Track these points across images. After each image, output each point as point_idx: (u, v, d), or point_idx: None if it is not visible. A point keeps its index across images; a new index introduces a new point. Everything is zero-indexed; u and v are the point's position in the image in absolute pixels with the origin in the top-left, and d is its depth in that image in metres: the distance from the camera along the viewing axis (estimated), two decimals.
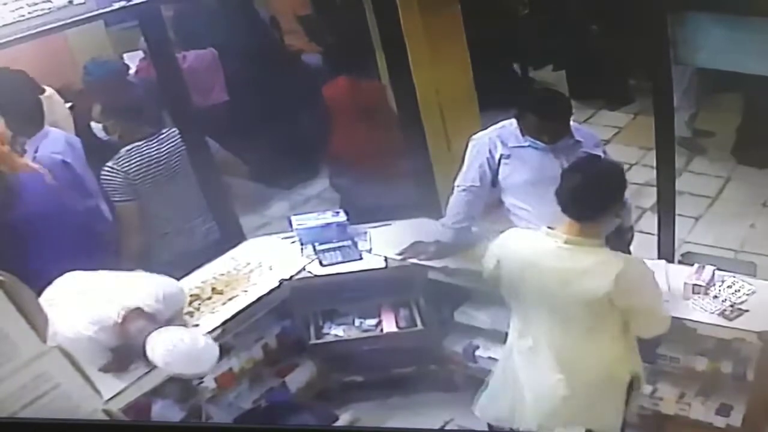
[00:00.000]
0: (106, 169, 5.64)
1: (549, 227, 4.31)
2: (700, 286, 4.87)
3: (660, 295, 4.36)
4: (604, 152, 5.41)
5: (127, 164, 5.66)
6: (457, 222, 5.25)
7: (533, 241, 4.31)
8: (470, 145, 5.30)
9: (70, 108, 6.64)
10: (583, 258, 4.13)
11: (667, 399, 5.12)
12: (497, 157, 5.16)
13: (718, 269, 5.02)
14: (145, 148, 5.73)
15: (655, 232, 5.71)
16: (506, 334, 4.67)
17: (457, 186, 5.28)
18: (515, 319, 4.53)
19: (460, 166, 5.31)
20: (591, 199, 4.16)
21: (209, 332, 5.14)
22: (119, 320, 4.62)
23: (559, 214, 4.23)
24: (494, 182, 5.23)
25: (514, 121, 5.18)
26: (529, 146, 5.06)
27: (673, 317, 4.76)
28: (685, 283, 4.90)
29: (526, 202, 5.07)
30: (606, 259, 4.14)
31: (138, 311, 4.66)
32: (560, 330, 4.30)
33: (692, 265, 5.10)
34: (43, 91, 6.38)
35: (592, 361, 4.30)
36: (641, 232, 6.27)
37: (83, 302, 4.62)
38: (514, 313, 4.54)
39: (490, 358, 5.45)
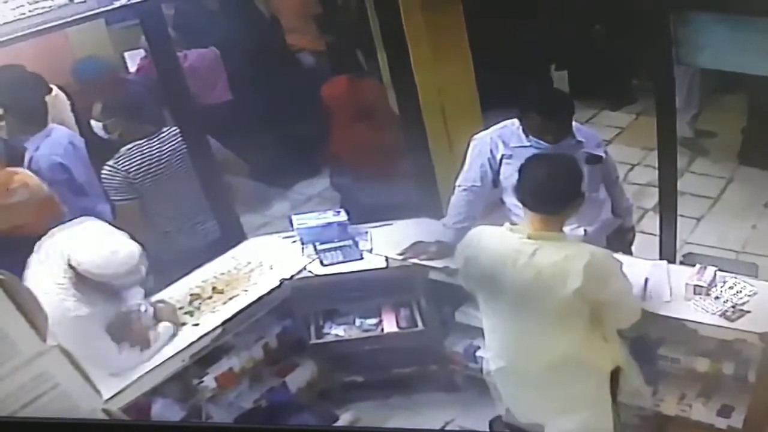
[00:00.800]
0: (106, 168, 5.65)
1: (512, 223, 4.35)
2: (702, 287, 4.84)
3: (629, 286, 4.34)
4: (606, 152, 5.41)
5: (127, 163, 5.66)
6: (458, 222, 5.23)
7: (499, 237, 4.30)
8: (471, 145, 5.30)
9: (71, 107, 6.63)
10: (550, 252, 4.13)
11: (668, 400, 5.10)
12: (498, 157, 5.16)
13: (720, 270, 4.99)
14: (145, 147, 5.74)
15: (657, 232, 5.70)
16: None
17: (458, 186, 5.28)
18: (488, 318, 4.52)
19: (462, 166, 5.30)
20: (548, 192, 4.18)
21: (209, 332, 5.16)
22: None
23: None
24: (495, 182, 5.23)
25: (515, 120, 5.17)
26: (531, 146, 5.06)
27: (675, 318, 4.78)
28: (687, 284, 4.87)
29: None
30: (572, 252, 4.13)
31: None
32: (532, 326, 4.29)
33: (694, 265, 5.07)
34: (50, 90, 6.39)
35: (568, 354, 4.28)
36: (643, 232, 6.27)
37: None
38: (485, 312, 4.52)
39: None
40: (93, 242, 4.57)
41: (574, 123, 5.18)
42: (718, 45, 5.13)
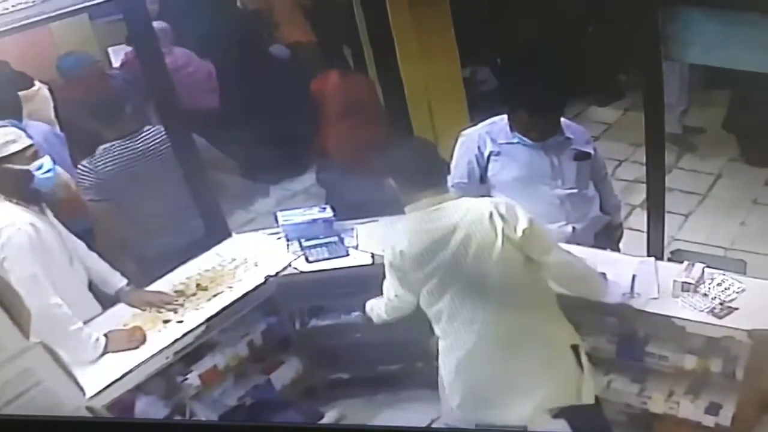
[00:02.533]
0: (80, 168, 5.64)
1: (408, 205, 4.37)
2: (690, 283, 4.84)
3: (551, 236, 4.40)
4: (595, 149, 5.39)
5: (101, 164, 5.64)
6: None
7: (406, 225, 4.35)
8: (459, 141, 5.29)
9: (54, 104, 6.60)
10: (452, 212, 4.19)
11: (655, 397, 5.09)
12: (486, 153, 5.15)
13: (708, 267, 4.99)
14: (123, 147, 5.71)
15: (645, 229, 5.68)
16: None
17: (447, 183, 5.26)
18: (431, 308, 4.48)
19: (449, 161, 5.28)
20: (416, 172, 4.28)
21: (194, 329, 5.13)
22: None
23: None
24: (483, 179, 5.22)
25: (504, 117, 5.16)
26: (518, 143, 5.04)
27: (662, 315, 4.78)
28: (675, 281, 4.86)
29: (515, 199, 5.04)
30: (474, 203, 4.22)
31: None
32: (480, 302, 4.29)
33: (682, 262, 5.06)
34: (31, 84, 6.35)
35: (522, 324, 4.32)
36: (631, 229, 6.26)
37: None
38: (427, 304, 4.48)
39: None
40: None
41: (562, 119, 5.17)
42: (707, 40, 5.11)
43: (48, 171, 4.78)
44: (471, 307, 4.30)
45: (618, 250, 5.58)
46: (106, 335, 4.93)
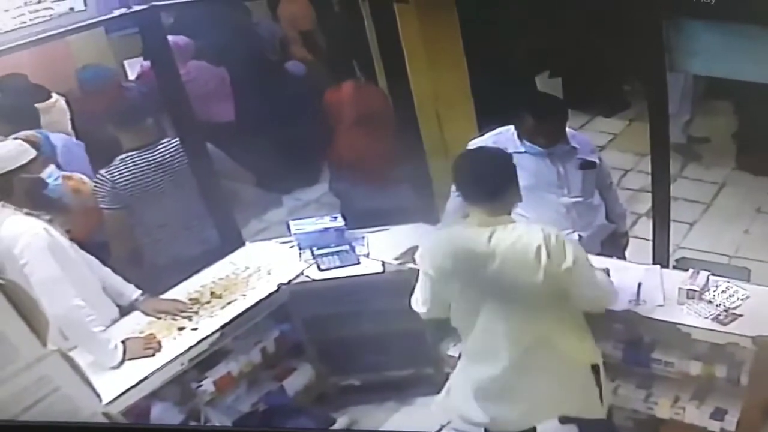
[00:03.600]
0: (97, 176, 5.68)
1: (463, 216, 4.41)
2: (695, 291, 4.89)
3: (589, 262, 4.37)
4: (600, 158, 5.45)
5: (117, 173, 5.69)
6: None
7: (453, 234, 4.38)
8: None
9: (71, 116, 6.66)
10: (504, 235, 4.18)
11: (661, 403, 5.13)
12: None
13: (713, 274, 5.03)
14: (140, 158, 5.76)
15: (650, 237, 5.71)
16: None
17: (454, 191, 5.29)
18: (464, 320, 4.53)
19: None
20: (484, 187, 4.25)
21: (208, 336, 5.20)
22: None
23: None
24: None
25: (510, 127, 5.21)
26: (526, 152, 5.09)
27: (668, 322, 4.82)
28: (680, 288, 4.92)
29: (523, 208, 5.09)
30: (525, 230, 4.20)
31: None
32: (507, 313, 4.32)
33: (687, 270, 5.10)
34: (48, 96, 6.41)
35: (544, 344, 4.34)
36: (636, 237, 6.28)
37: None
38: (461, 315, 4.53)
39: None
40: None
41: (568, 129, 5.22)
42: (711, 51, 5.15)
43: (57, 178, 4.87)
44: (497, 324, 4.35)
45: (624, 257, 5.62)
46: (123, 342, 5.00)
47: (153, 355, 5.05)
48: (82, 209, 5.52)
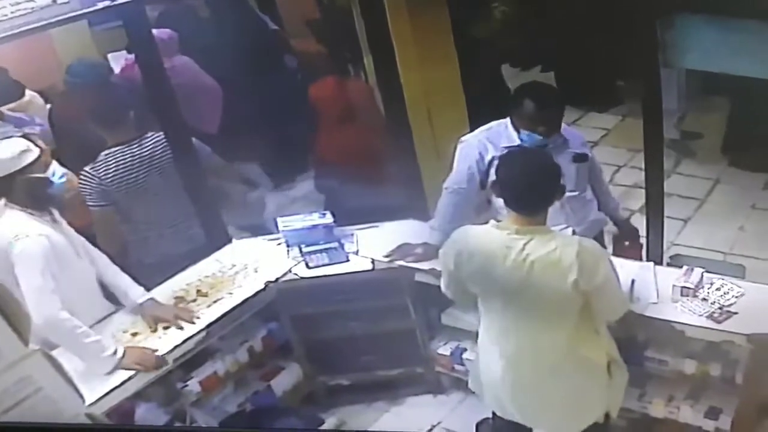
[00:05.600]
0: (82, 174, 5.60)
1: (497, 220, 4.34)
2: (689, 288, 4.85)
3: (616, 274, 4.31)
4: (591, 153, 5.40)
5: (103, 170, 5.62)
6: (444, 224, 5.18)
7: (486, 236, 4.29)
8: (459, 147, 5.28)
9: (49, 110, 6.59)
10: (539, 246, 4.12)
11: (655, 402, 5.11)
12: (488, 159, 5.13)
13: (707, 271, 5.00)
14: (125, 153, 5.69)
15: (644, 234, 5.68)
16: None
17: (446, 188, 5.26)
18: (483, 317, 4.49)
19: (450, 168, 5.28)
20: (530, 191, 4.17)
21: (194, 335, 5.13)
22: None
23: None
24: (483, 184, 5.20)
25: (503, 121, 5.16)
26: (522, 145, 5.03)
27: (662, 320, 4.79)
28: (674, 286, 4.88)
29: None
30: (561, 243, 4.13)
31: None
32: (527, 321, 4.28)
33: (681, 267, 5.08)
34: (22, 94, 6.35)
35: (565, 350, 4.28)
36: None
37: None
38: (481, 311, 4.49)
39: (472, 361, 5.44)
40: None
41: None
42: (704, 47, 5.14)
43: (62, 176, 4.83)
44: (517, 325, 4.32)
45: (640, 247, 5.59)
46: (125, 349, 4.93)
47: (148, 370, 4.97)
48: (80, 205, 5.47)
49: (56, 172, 4.81)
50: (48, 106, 6.68)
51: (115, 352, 4.83)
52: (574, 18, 9.03)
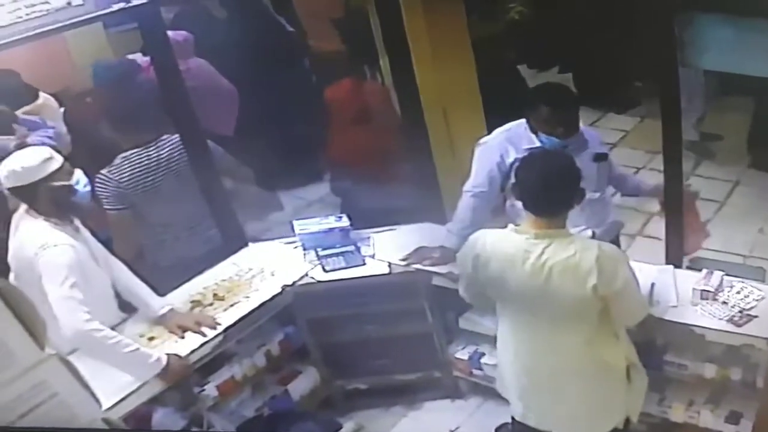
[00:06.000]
0: (99, 177, 5.59)
1: (515, 224, 4.29)
2: (709, 291, 4.81)
3: (636, 279, 4.27)
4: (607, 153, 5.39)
5: (120, 173, 5.61)
6: (462, 228, 5.15)
7: (504, 239, 4.25)
8: (478, 150, 5.25)
9: (63, 113, 6.58)
10: (559, 250, 4.08)
11: (675, 407, 5.08)
12: (509, 161, 5.08)
13: (727, 275, 4.96)
14: (142, 156, 5.69)
15: (663, 237, 5.64)
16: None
17: (466, 191, 5.23)
18: (501, 321, 4.47)
19: (467, 169, 5.25)
20: (549, 194, 4.12)
21: (211, 339, 5.12)
22: None
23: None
24: (503, 186, 5.17)
25: (522, 122, 5.12)
26: (543, 146, 4.98)
27: (681, 323, 4.76)
28: (694, 289, 4.84)
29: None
30: (581, 247, 4.09)
31: None
32: (546, 325, 4.25)
33: (700, 270, 5.04)
34: (36, 97, 6.34)
35: (584, 354, 4.25)
36: (649, 236, 6.23)
37: None
38: (499, 315, 4.47)
39: (495, 365, 5.40)
40: None
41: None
42: (723, 47, 5.09)
43: (86, 185, 4.81)
44: (535, 329, 4.30)
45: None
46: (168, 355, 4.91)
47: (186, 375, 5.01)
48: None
49: (80, 180, 4.78)
50: (62, 109, 6.66)
51: (158, 360, 4.81)
52: (592, 19, 9.02)
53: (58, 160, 4.65)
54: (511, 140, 5.13)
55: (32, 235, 4.65)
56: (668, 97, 5.23)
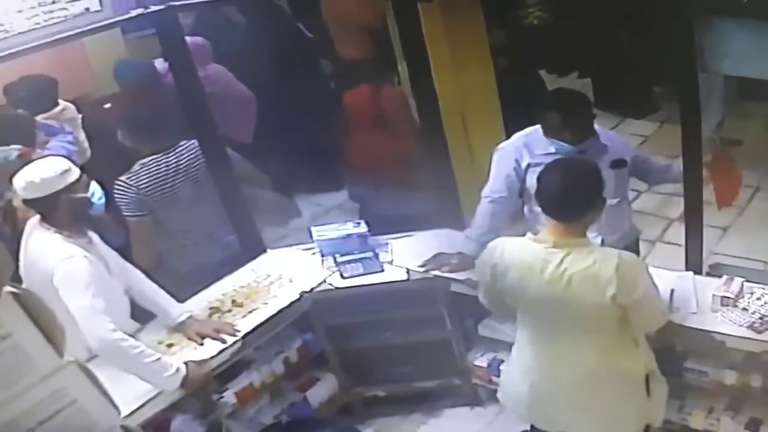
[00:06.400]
0: (118, 183, 5.60)
1: (533, 232, 4.27)
2: (729, 298, 4.78)
3: (655, 287, 4.25)
4: (633, 155, 5.37)
5: (139, 179, 5.62)
6: (481, 234, 5.14)
7: (523, 248, 4.24)
8: (496, 156, 5.24)
9: (82, 119, 6.59)
10: (578, 259, 4.06)
11: (695, 414, 5.07)
12: (524, 165, 5.08)
13: (747, 281, 4.94)
14: (161, 163, 5.70)
15: (683, 242, 5.61)
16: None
17: (485, 197, 5.22)
18: (520, 328, 4.46)
19: (486, 175, 5.24)
20: (569, 199, 4.09)
21: (229, 346, 5.11)
22: None
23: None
24: (521, 191, 5.16)
25: (539, 127, 5.10)
26: (556, 152, 4.96)
27: (701, 330, 4.73)
28: (714, 295, 4.82)
29: None
30: (600, 257, 4.06)
31: None
32: (565, 334, 4.24)
33: (720, 276, 5.02)
34: (56, 104, 6.35)
35: (604, 362, 4.23)
36: (668, 243, 6.19)
37: None
38: (519, 322, 4.45)
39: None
40: None
41: (598, 128, 5.12)
42: (743, 52, 5.05)
43: (101, 197, 4.81)
44: (554, 338, 4.30)
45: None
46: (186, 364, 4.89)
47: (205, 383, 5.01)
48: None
49: (95, 192, 4.78)
50: (80, 115, 6.67)
51: (178, 370, 4.79)
52: (611, 23, 9.00)
53: (75, 172, 4.63)
54: (528, 145, 5.13)
55: (47, 248, 4.63)
56: (688, 102, 5.20)
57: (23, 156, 5.28)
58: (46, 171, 4.54)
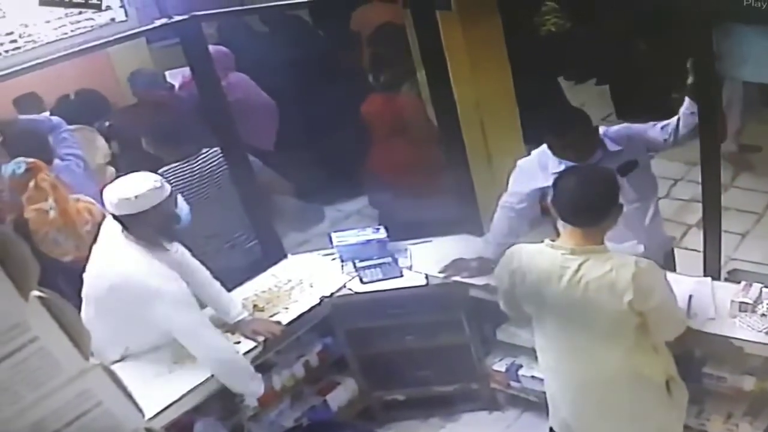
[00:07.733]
0: None
1: (551, 239, 4.26)
2: (748, 303, 4.76)
3: (674, 295, 4.25)
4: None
5: None
6: (501, 239, 5.15)
7: (540, 255, 4.23)
8: (513, 174, 5.19)
9: (108, 127, 6.65)
10: (596, 266, 4.06)
11: (714, 419, 5.05)
12: (540, 184, 5.03)
13: (766, 287, 4.90)
14: (184, 170, 5.77)
15: (701, 248, 5.61)
16: None
17: (502, 205, 5.24)
18: (538, 336, 4.47)
19: (505, 182, 5.24)
20: (585, 205, 4.09)
21: (251, 350, 5.16)
22: None
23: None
24: (540, 200, 5.14)
25: None
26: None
27: (720, 336, 4.71)
28: (732, 301, 4.80)
29: None
30: (618, 264, 4.05)
31: None
32: (583, 341, 4.24)
33: (739, 282, 4.99)
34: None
35: (621, 367, 4.23)
36: (687, 248, 6.19)
37: None
38: (536, 330, 4.46)
39: (533, 377, 5.41)
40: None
41: (611, 131, 5.10)
42: (762, 58, 5.05)
43: (188, 212, 4.86)
44: (572, 345, 4.30)
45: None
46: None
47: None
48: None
49: (183, 208, 4.82)
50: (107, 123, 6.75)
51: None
52: (629, 30, 8.99)
53: (167, 189, 4.64)
54: (542, 163, 5.09)
55: (141, 265, 4.63)
56: (706, 109, 5.21)
57: (32, 169, 5.32)
58: (141, 188, 4.54)
